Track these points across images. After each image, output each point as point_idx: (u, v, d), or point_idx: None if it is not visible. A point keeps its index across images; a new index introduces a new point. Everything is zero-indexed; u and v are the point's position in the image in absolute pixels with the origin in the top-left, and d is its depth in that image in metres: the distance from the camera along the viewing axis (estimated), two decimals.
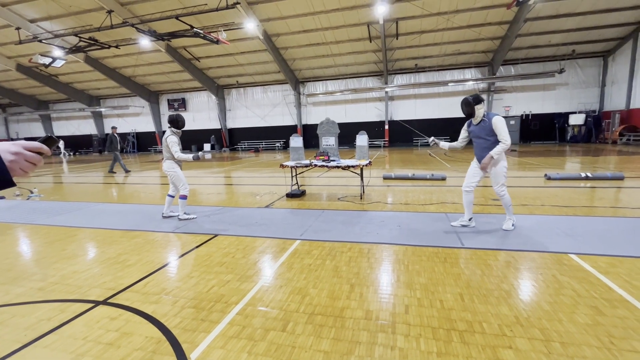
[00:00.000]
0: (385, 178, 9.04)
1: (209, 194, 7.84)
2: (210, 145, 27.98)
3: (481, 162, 4.22)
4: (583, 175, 7.84)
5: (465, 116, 4.34)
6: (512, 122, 22.68)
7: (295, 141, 7.32)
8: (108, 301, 2.89)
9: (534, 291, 2.81)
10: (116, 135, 12.87)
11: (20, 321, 2.62)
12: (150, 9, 17.14)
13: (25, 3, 17.00)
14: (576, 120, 20.77)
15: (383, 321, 2.44)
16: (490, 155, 4.07)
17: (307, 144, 23.75)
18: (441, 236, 4.23)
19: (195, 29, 16.06)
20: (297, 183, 7.53)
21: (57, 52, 19.26)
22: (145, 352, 2.18)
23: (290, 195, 7.02)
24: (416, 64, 22.67)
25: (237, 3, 15.60)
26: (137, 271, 3.51)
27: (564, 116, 21.45)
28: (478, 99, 4.15)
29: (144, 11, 17.39)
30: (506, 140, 3.98)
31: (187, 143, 27.40)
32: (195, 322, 2.51)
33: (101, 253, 4.12)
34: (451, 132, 23.19)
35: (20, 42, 18.69)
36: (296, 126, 26.23)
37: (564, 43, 19.45)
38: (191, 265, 3.64)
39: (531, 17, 17.00)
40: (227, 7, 15.44)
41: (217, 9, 15.49)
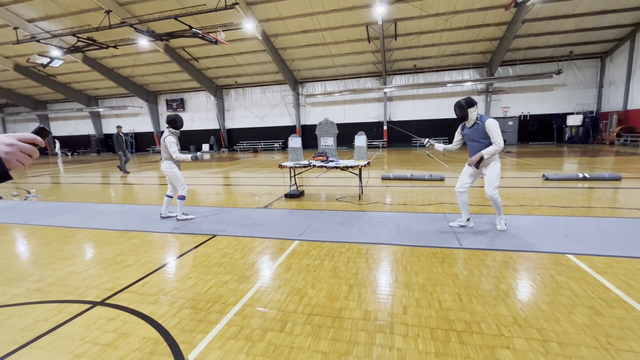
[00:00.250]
0: (383, 178, 9.05)
1: (208, 195, 7.83)
2: (209, 145, 27.94)
3: (470, 158, 4.23)
4: (581, 175, 7.87)
5: (458, 119, 4.36)
6: (510, 123, 22.76)
7: (293, 142, 7.32)
8: (106, 302, 2.89)
9: (532, 291, 2.82)
10: (122, 134, 12.77)
11: (17, 322, 2.60)
12: (148, 9, 17.11)
13: (23, 3, 16.93)
14: (574, 121, 20.86)
15: (381, 321, 2.44)
16: (481, 154, 4.09)
17: (306, 145, 23.69)
18: (439, 236, 4.24)
19: (193, 29, 16.05)
20: (296, 183, 7.53)
21: (55, 52, 19.19)
22: (143, 353, 2.17)
23: (288, 195, 7.02)
24: (415, 65, 22.72)
25: (236, 3, 15.59)
26: (135, 272, 3.50)
27: (562, 117, 21.53)
28: (471, 102, 4.16)
29: (143, 11, 17.36)
30: (499, 142, 4.00)
31: (186, 143, 27.31)
32: (193, 323, 2.50)
33: (99, 253, 4.11)
34: (449, 133, 23.26)
35: (18, 42, 18.62)
36: (295, 127, 26.23)
37: (562, 44, 19.54)
38: (189, 265, 3.63)
39: (529, 18, 17.06)
40: (226, 8, 15.42)
41: (216, 9, 15.48)
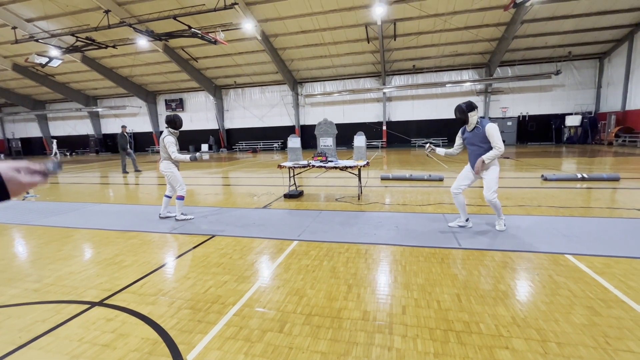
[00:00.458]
0: (382, 179, 9.05)
1: (207, 195, 7.82)
2: (208, 145, 27.91)
3: (474, 167, 4.24)
4: (579, 176, 7.88)
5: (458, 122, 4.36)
6: (509, 123, 22.80)
7: (293, 142, 7.32)
8: (104, 302, 2.88)
9: (531, 291, 2.82)
10: (126, 134, 12.71)
11: (15, 322, 2.60)
12: (147, 9, 17.09)
13: (21, 2, 16.89)
14: (572, 121, 20.90)
15: (380, 322, 2.44)
16: (482, 159, 4.09)
17: (305, 145, 23.52)
18: (438, 237, 4.24)
19: (193, 29, 16.02)
20: (295, 184, 7.53)
21: (54, 52, 19.13)
22: (141, 354, 2.17)
23: (288, 195, 7.02)
24: (414, 65, 22.74)
25: (235, 3, 15.58)
26: (134, 272, 3.49)
27: (561, 117, 21.58)
28: (471, 106, 4.16)
29: (142, 11, 17.33)
30: (499, 147, 4.00)
31: (185, 143, 27.29)
32: (192, 323, 2.50)
33: (97, 254, 4.10)
34: (448, 133, 23.31)
35: (16, 42, 18.56)
36: (294, 127, 26.22)
37: (561, 45, 19.58)
38: (188, 266, 3.63)
39: (528, 19, 17.09)
40: (225, 8, 15.41)
41: (215, 9, 15.46)
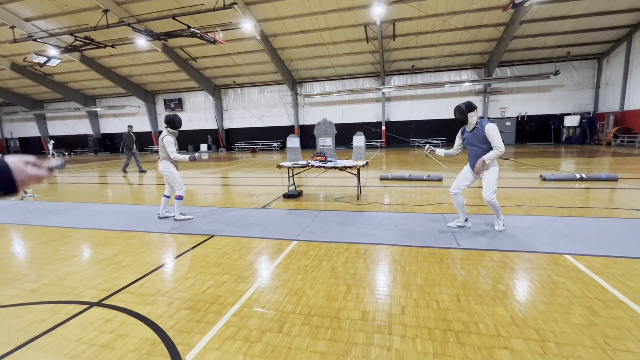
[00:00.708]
0: (382, 179, 9.05)
1: (206, 195, 7.81)
2: (206, 145, 27.87)
3: (474, 168, 4.23)
4: (578, 176, 7.90)
5: (458, 122, 4.36)
6: (508, 124, 22.84)
7: (292, 142, 7.31)
8: (103, 302, 2.87)
9: (530, 292, 2.83)
10: (132, 134, 12.67)
11: (13, 323, 2.58)
12: (146, 9, 17.05)
13: (20, 1, 16.84)
14: (571, 121, 20.94)
15: (379, 322, 2.44)
16: (482, 159, 4.09)
17: (304, 145, 23.59)
18: (437, 237, 4.24)
19: (192, 29, 15.99)
20: (294, 184, 7.52)
21: (52, 51, 19.07)
22: (140, 354, 2.16)
23: (287, 195, 7.01)
24: (413, 65, 22.76)
25: (234, 3, 15.56)
26: (133, 272, 3.48)
27: (559, 117, 21.62)
28: (471, 107, 4.15)
29: (140, 10, 17.29)
30: (500, 147, 4.00)
31: (184, 143, 27.26)
32: (190, 324, 2.49)
33: (96, 254, 4.09)
34: (447, 133, 23.35)
35: (14, 41, 18.50)
36: (293, 127, 26.21)
37: (559, 45, 19.62)
38: (187, 266, 3.62)
39: (527, 19, 17.12)
40: (224, 7, 15.39)
41: (214, 9, 15.44)
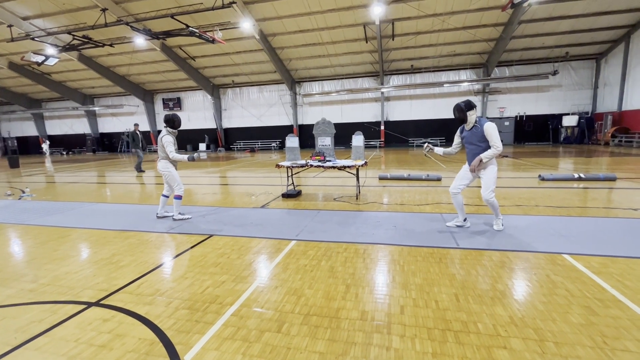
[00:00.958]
0: (381, 178, 9.05)
1: (204, 194, 7.80)
2: (205, 145, 27.83)
3: (470, 164, 4.24)
4: (576, 176, 7.92)
5: (457, 121, 4.37)
6: (507, 123, 22.88)
7: (291, 141, 7.31)
8: (101, 302, 2.86)
9: (528, 291, 2.83)
10: (138, 132, 12.57)
11: (10, 323, 2.57)
12: (145, 8, 17.01)
13: (18, 0, 16.77)
14: (569, 121, 20.99)
15: (378, 322, 2.44)
16: (479, 157, 4.09)
17: (303, 144, 23.67)
18: (436, 236, 4.25)
19: (190, 28, 15.96)
20: (293, 183, 7.51)
21: (50, 50, 18.99)
22: (138, 354, 2.16)
23: (286, 195, 7.01)
24: (412, 65, 22.77)
25: (233, 2, 15.53)
26: (131, 272, 3.47)
27: (558, 117, 21.68)
28: (470, 105, 4.15)
29: (139, 9, 17.25)
30: (498, 146, 4.00)
31: (183, 142, 27.22)
32: (189, 324, 2.49)
33: (94, 254, 4.08)
34: (446, 133, 23.38)
35: (12, 40, 18.42)
36: (292, 126, 26.20)
37: (558, 45, 19.67)
38: (186, 266, 3.61)
39: (525, 20, 17.15)
40: (223, 7, 15.36)
41: (213, 8, 15.41)
